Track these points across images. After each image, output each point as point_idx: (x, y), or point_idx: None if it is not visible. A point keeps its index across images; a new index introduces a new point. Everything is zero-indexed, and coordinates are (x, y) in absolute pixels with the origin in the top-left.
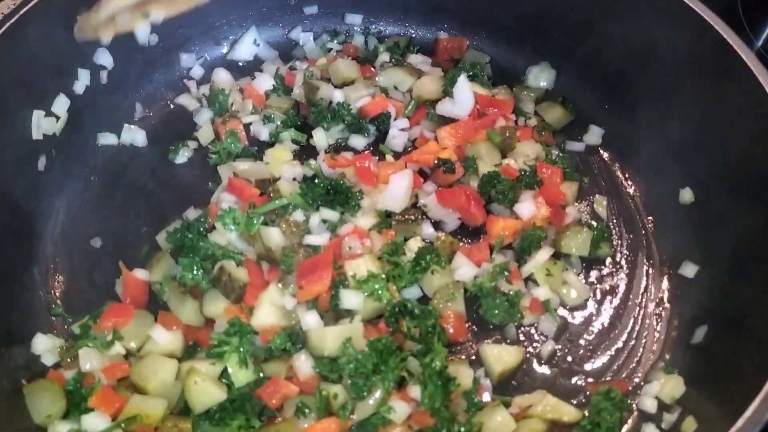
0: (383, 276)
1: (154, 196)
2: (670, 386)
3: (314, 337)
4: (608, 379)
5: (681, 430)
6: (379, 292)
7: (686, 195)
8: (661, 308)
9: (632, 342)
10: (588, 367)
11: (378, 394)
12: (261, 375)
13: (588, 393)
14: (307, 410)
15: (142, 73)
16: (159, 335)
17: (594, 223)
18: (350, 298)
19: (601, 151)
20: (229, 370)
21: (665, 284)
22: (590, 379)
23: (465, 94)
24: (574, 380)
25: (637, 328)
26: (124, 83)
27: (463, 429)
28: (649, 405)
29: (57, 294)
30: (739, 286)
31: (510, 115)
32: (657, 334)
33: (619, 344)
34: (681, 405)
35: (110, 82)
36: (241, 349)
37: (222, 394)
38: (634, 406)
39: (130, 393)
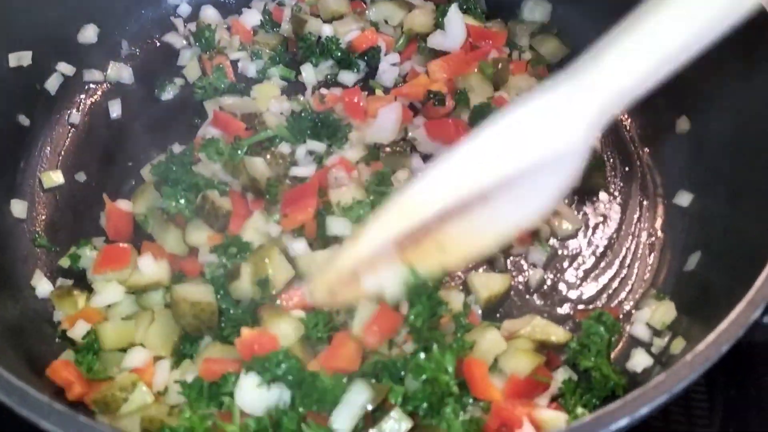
0: (368, 201)
1: (139, 132)
2: (661, 312)
3: (303, 263)
4: (599, 306)
5: (670, 351)
6: (365, 218)
7: (682, 124)
8: (654, 238)
9: (624, 271)
10: (578, 295)
11: None
12: None
13: (578, 320)
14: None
15: (128, 11)
16: (145, 264)
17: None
18: (337, 225)
19: None
20: None
21: (659, 214)
22: (580, 307)
23: (456, 26)
24: (564, 308)
25: (629, 257)
26: (111, 20)
27: (455, 345)
28: (641, 331)
29: (41, 227)
30: (733, 215)
31: (504, 48)
32: (649, 263)
33: (611, 273)
34: (671, 330)
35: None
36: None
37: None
38: (625, 329)
39: None
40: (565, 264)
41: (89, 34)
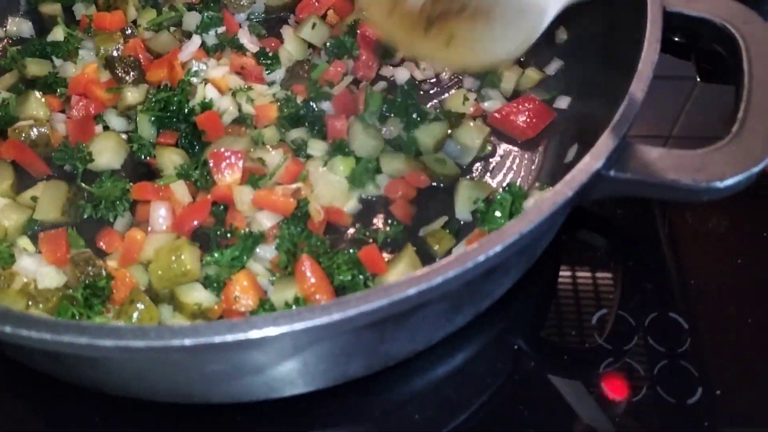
0: None
1: None
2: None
3: None
4: None
5: None
6: None
7: (561, 34)
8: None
9: (512, 169)
10: None
11: None
12: None
13: None
14: None
15: None
16: None
17: None
18: None
19: None
20: None
21: None
22: None
23: None
24: None
25: (517, 156)
26: None
27: None
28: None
29: None
30: (605, 111)
31: None
32: (534, 160)
33: (502, 173)
34: None
35: None
36: None
37: None
38: None
39: None
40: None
41: None
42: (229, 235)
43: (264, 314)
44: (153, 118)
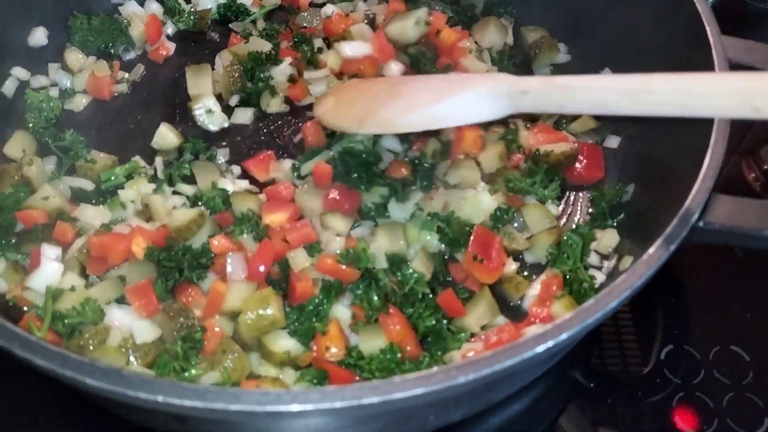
0: None
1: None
2: (606, 239)
3: None
4: None
5: (620, 269)
6: None
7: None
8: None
9: (569, 208)
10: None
11: None
12: None
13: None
14: None
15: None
16: None
17: None
18: None
19: None
20: None
21: None
22: None
23: None
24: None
25: (572, 195)
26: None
27: None
28: (593, 257)
29: None
30: (655, 150)
31: None
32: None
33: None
34: (617, 252)
35: None
36: None
37: None
38: None
39: None
40: None
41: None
42: None
43: (413, 375)
44: None
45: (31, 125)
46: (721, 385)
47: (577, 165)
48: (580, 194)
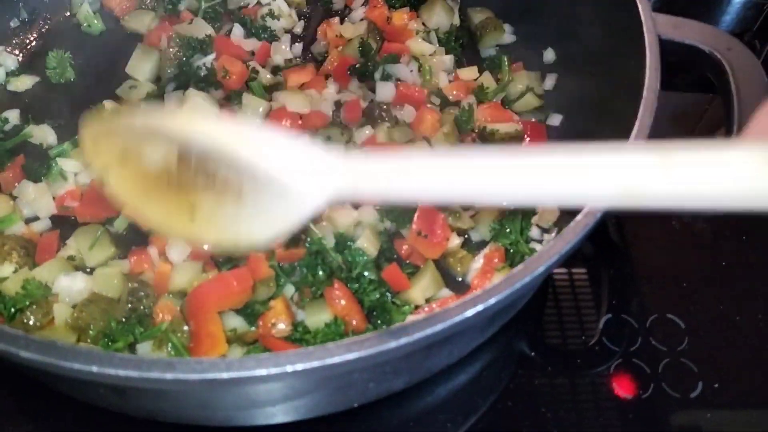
0: None
1: None
2: (547, 213)
3: None
4: None
5: None
6: None
7: (549, 55)
8: None
9: None
10: None
11: None
12: None
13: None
14: None
15: None
16: None
17: None
18: None
19: None
20: None
21: None
22: None
23: None
24: None
25: None
26: None
27: None
28: (534, 232)
29: None
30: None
31: None
32: None
33: None
34: (557, 226)
35: None
36: None
37: None
38: None
39: None
40: None
41: None
42: None
43: (346, 341)
44: None
45: None
46: (658, 351)
47: (523, 143)
48: None
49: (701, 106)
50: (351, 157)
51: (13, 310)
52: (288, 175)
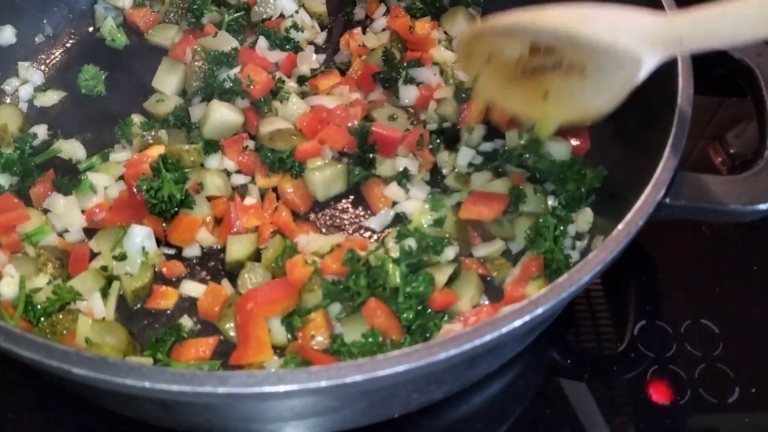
0: None
1: None
2: (582, 217)
3: None
4: None
5: (591, 248)
6: None
7: None
8: None
9: None
10: None
11: None
12: None
13: None
14: None
15: None
16: None
17: None
18: None
19: None
20: None
21: None
22: None
23: None
24: None
25: None
26: None
27: None
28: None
29: None
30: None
31: None
32: None
33: None
34: (589, 233)
35: None
36: None
37: None
38: None
39: None
40: None
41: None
42: None
43: (395, 352)
44: None
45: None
46: (693, 357)
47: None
48: None
49: (712, 108)
50: (670, 15)
51: (42, 318)
52: (624, 42)
